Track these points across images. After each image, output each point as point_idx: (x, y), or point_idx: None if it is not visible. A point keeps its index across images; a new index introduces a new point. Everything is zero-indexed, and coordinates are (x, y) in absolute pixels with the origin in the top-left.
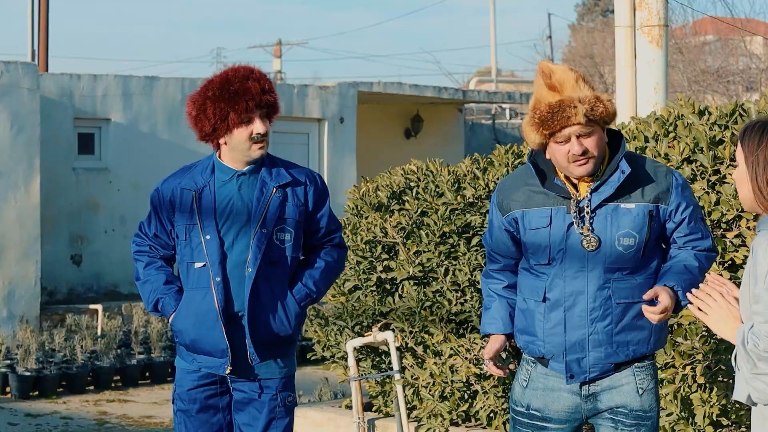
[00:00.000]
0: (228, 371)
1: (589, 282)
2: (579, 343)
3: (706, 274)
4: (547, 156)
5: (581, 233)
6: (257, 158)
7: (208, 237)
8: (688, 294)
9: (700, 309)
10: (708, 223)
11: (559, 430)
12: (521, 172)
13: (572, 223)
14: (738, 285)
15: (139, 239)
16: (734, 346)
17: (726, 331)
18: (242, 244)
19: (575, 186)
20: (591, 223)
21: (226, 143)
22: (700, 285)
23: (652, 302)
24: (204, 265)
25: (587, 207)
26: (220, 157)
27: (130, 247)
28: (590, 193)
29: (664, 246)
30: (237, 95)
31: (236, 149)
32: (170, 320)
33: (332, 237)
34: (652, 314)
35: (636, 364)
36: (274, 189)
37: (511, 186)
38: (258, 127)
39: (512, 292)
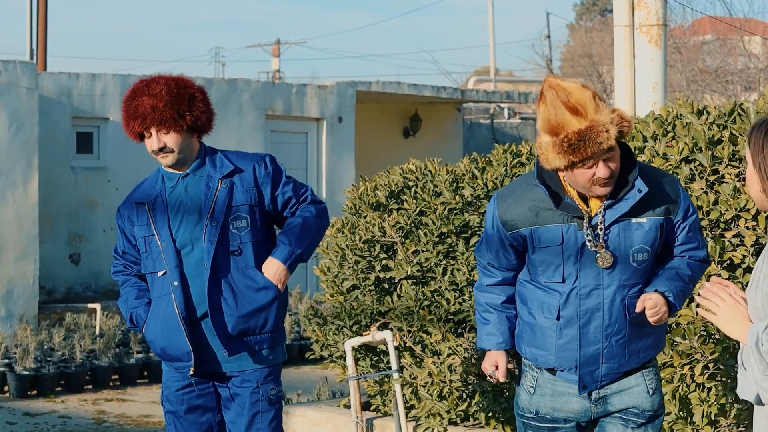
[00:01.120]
0: (191, 373)
1: (605, 299)
2: (593, 358)
3: (708, 282)
4: (563, 176)
5: (596, 251)
6: (168, 166)
7: (164, 244)
8: (696, 296)
9: (707, 310)
10: (705, 226)
11: (566, 429)
12: (522, 186)
13: (585, 242)
14: (736, 284)
15: (115, 261)
16: (735, 345)
17: (735, 331)
18: (200, 243)
19: (585, 200)
20: (605, 240)
21: None
22: (705, 285)
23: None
24: (165, 273)
25: (601, 224)
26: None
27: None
28: (604, 210)
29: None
30: (127, 113)
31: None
32: (143, 332)
33: (302, 198)
34: (651, 316)
35: (644, 365)
36: (220, 181)
37: (515, 202)
38: (152, 143)
39: (510, 306)
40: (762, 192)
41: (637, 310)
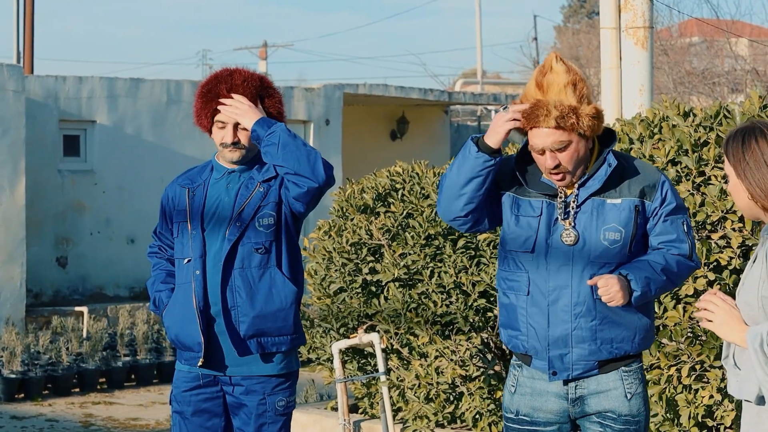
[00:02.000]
0: (200, 363)
1: (573, 276)
2: (562, 339)
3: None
4: None
5: (562, 225)
6: (232, 161)
7: (193, 233)
8: (698, 306)
9: (704, 318)
10: (693, 227)
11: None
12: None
13: (557, 218)
14: (723, 285)
15: (153, 241)
16: (722, 347)
17: (731, 334)
18: (224, 240)
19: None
20: (574, 218)
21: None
22: (701, 297)
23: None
24: (189, 260)
25: (573, 201)
26: (218, 157)
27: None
28: (577, 188)
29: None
30: (205, 96)
31: (219, 149)
32: (163, 316)
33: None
34: (602, 295)
35: (623, 367)
36: (259, 184)
37: (507, 167)
38: (226, 136)
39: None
40: (750, 199)
41: (590, 282)
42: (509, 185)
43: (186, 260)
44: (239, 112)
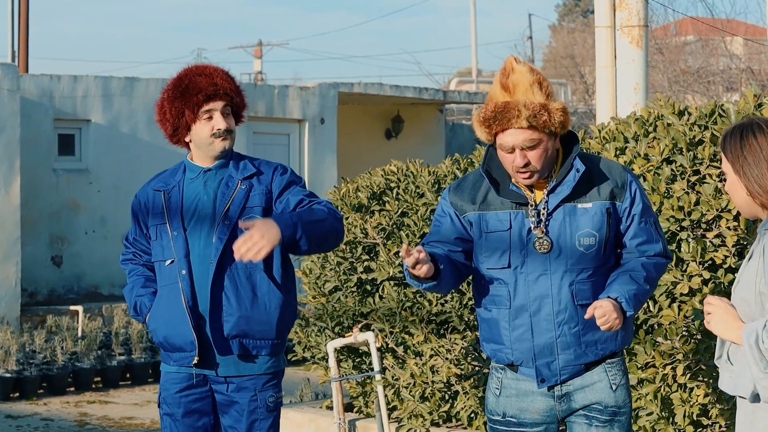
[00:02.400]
0: (195, 362)
1: (553, 285)
2: (547, 347)
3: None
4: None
5: (535, 235)
6: (221, 152)
7: (174, 233)
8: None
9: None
10: (687, 226)
11: None
12: (476, 175)
13: (531, 227)
14: (718, 284)
15: (125, 249)
16: (715, 345)
17: (728, 332)
18: (208, 239)
19: (531, 188)
20: (546, 226)
21: (191, 141)
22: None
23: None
24: (172, 261)
25: (544, 209)
26: (190, 157)
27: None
28: (547, 195)
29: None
30: (187, 91)
31: (200, 146)
32: (146, 320)
33: (317, 201)
34: (601, 325)
35: (607, 359)
36: (239, 182)
37: (466, 188)
38: (218, 122)
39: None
40: (749, 196)
41: (587, 317)
42: (471, 203)
43: (168, 261)
44: (266, 236)
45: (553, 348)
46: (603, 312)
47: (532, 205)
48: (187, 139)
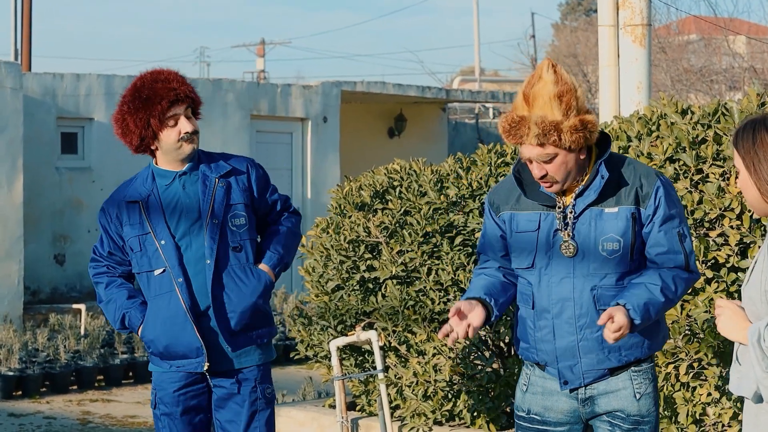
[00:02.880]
0: (206, 368)
1: (575, 288)
2: (569, 350)
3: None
4: None
5: (561, 238)
6: (189, 154)
7: (163, 242)
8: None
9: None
10: (690, 225)
11: None
12: (512, 178)
13: (557, 229)
14: (720, 283)
15: (94, 262)
16: (720, 345)
17: (735, 332)
18: (198, 240)
19: (564, 191)
20: (573, 229)
21: (158, 148)
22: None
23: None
24: (164, 271)
25: (571, 212)
26: (156, 163)
27: (89, 271)
28: (575, 199)
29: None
30: (149, 100)
31: (168, 152)
32: (140, 332)
33: (287, 206)
34: (608, 334)
35: (633, 367)
36: (216, 180)
37: (502, 189)
38: (184, 126)
39: (494, 273)
40: (758, 194)
41: (599, 322)
42: (506, 202)
43: (159, 271)
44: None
45: (575, 351)
46: (618, 326)
47: (560, 208)
48: (153, 147)
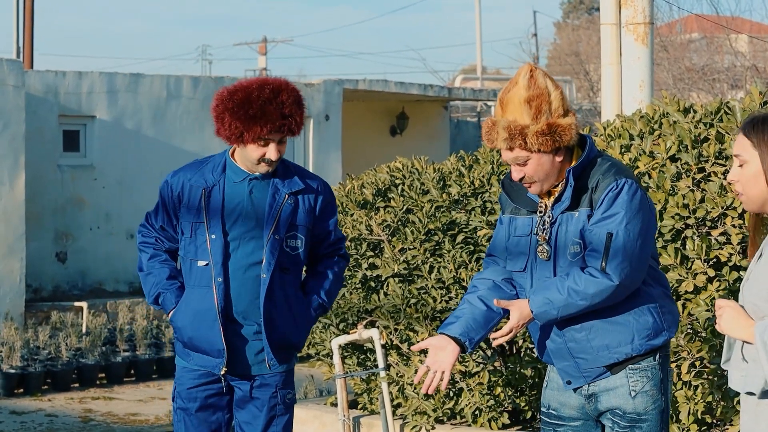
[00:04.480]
0: (223, 371)
1: None
2: (561, 352)
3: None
4: None
5: (539, 242)
6: (264, 173)
7: (213, 236)
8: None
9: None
10: (692, 224)
11: (573, 428)
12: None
13: (536, 233)
14: (722, 282)
15: (145, 230)
16: (721, 343)
17: (738, 330)
18: (248, 247)
19: (550, 194)
20: (548, 234)
21: (237, 150)
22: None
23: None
24: (207, 264)
25: (549, 217)
26: (233, 156)
27: (136, 237)
28: (552, 205)
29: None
30: (254, 119)
31: (246, 159)
32: (170, 316)
33: (339, 246)
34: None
35: (630, 365)
36: (287, 195)
37: (509, 190)
38: (271, 153)
39: (485, 295)
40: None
41: (496, 303)
42: (508, 207)
43: (203, 263)
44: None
45: (566, 353)
46: (504, 332)
47: (541, 213)
48: (235, 145)
